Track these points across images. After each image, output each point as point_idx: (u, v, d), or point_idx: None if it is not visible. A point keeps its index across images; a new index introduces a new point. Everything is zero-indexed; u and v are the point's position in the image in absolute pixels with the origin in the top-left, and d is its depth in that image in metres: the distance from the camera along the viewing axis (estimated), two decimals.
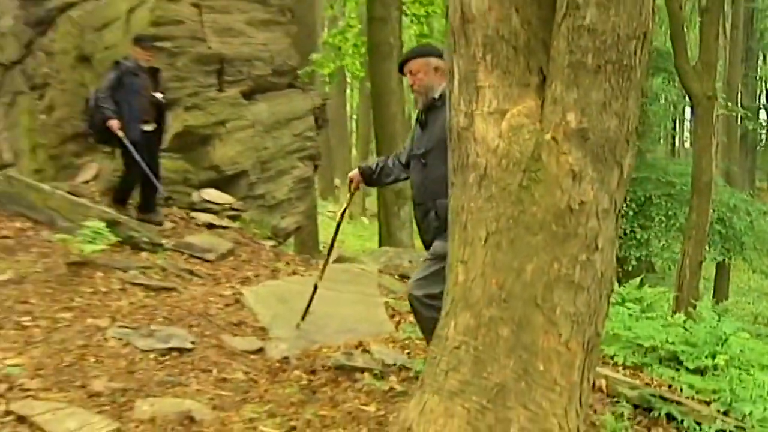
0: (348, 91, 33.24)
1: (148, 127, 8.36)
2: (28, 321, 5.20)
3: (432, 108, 4.78)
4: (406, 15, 16.48)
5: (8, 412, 3.91)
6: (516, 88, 3.46)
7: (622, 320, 6.37)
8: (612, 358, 5.93)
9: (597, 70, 3.22)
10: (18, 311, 5.33)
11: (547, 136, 3.32)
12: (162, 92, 8.39)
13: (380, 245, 13.73)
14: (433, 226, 4.72)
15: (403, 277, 8.40)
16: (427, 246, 4.89)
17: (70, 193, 8.00)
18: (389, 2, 13.39)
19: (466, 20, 3.55)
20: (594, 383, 3.90)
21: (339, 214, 5.87)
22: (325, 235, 22.64)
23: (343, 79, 28.75)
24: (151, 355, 4.87)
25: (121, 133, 7.83)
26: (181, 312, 5.62)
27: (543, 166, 3.32)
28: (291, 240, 14.97)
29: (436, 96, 4.76)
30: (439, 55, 4.82)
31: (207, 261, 7.08)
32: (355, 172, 5.26)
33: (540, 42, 3.45)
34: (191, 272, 6.55)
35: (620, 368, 5.79)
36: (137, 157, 7.88)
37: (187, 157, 10.03)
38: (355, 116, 36.35)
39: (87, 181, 9.61)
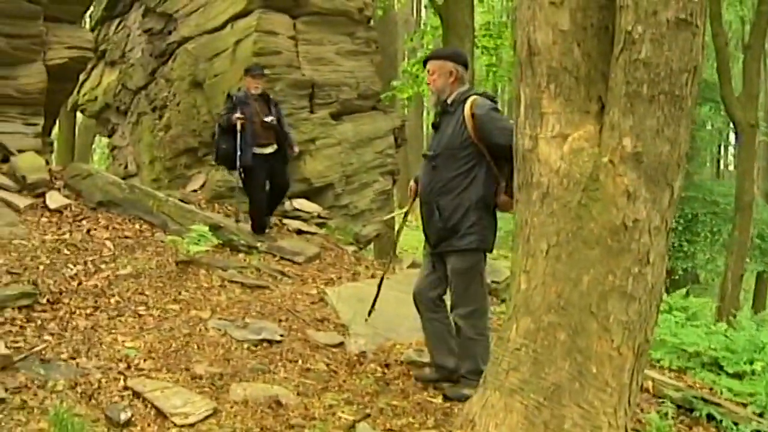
0: (424, 113, 33.15)
1: (268, 150, 8.01)
2: (143, 310, 5.27)
3: (445, 112, 4.52)
4: (477, 47, 16.36)
5: (126, 387, 4.02)
6: (577, 115, 3.39)
7: (669, 327, 6.19)
8: (658, 361, 5.76)
9: (651, 99, 3.13)
10: (135, 301, 5.42)
11: (605, 159, 3.23)
12: (273, 115, 8.09)
13: None
14: (438, 226, 4.48)
15: None
16: (431, 243, 4.65)
17: (181, 200, 8.11)
18: (463, 35, 13.28)
19: (533, 53, 3.48)
20: (641, 385, 3.76)
21: (401, 217, 5.58)
22: (404, 243, 22.75)
23: (420, 103, 28.66)
24: (245, 345, 4.88)
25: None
26: (272, 308, 5.63)
27: (601, 186, 3.23)
28: (371, 246, 14.94)
29: (449, 101, 4.49)
30: (457, 61, 4.55)
31: (296, 263, 7.08)
32: (413, 183, 4.95)
33: (599, 73, 3.37)
34: (282, 273, 6.56)
35: (666, 371, 5.61)
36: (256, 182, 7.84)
37: None
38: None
39: (195, 190, 9.74)
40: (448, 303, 4.72)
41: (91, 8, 16.80)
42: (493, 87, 27.15)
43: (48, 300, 5.16)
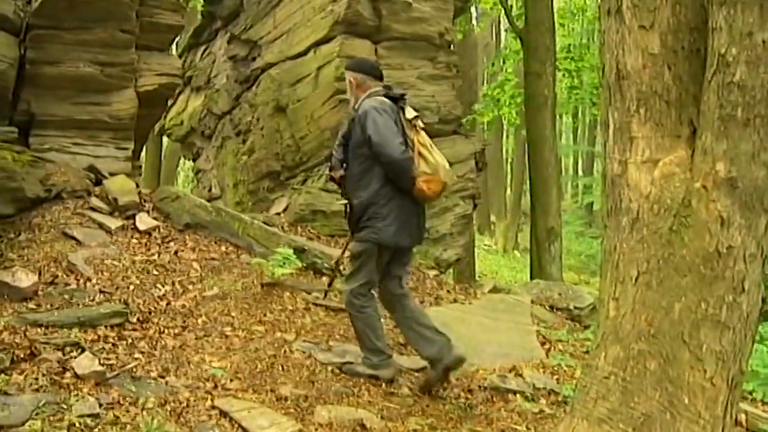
0: (504, 137, 33.03)
1: None
2: (230, 331, 5.39)
3: (353, 118, 4.94)
4: (559, 69, 16.28)
5: (213, 407, 4.11)
6: (668, 139, 3.35)
7: (762, 358, 6.01)
8: (751, 393, 5.59)
9: (746, 123, 3.07)
10: (222, 322, 5.54)
11: (697, 185, 3.18)
12: None
13: (531, 277, 13.50)
14: (351, 219, 4.96)
15: (553, 307, 8.21)
16: (351, 230, 5.05)
17: (264, 222, 8.26)
18: (544, 59, 13.26)
19: (621, 77, 3.46)
20: (735, 418, 3.67)
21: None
22: (481, 266, 22.65)
23: (500, 126, 28.61)
24: (329, 368, 4.95)
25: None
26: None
27: (693, 212, 3.18)
28: (450, 270, 14.89)
29: (356, 106, 4.98)
30: (355, 70, 5.15)
31: None
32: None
33: (690, 96, 3.33)
34: None
35: (759, 404, 5.45)
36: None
37: None
38: (510, 159, 36.04)
39: (278, 213, 9.90)
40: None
41: (179, 36, 17.45)
42: (574, 110, 26.93)
43: (138, 319, 5.33)
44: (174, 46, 17.58)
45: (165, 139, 18.50)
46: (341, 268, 5.89)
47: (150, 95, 9.09)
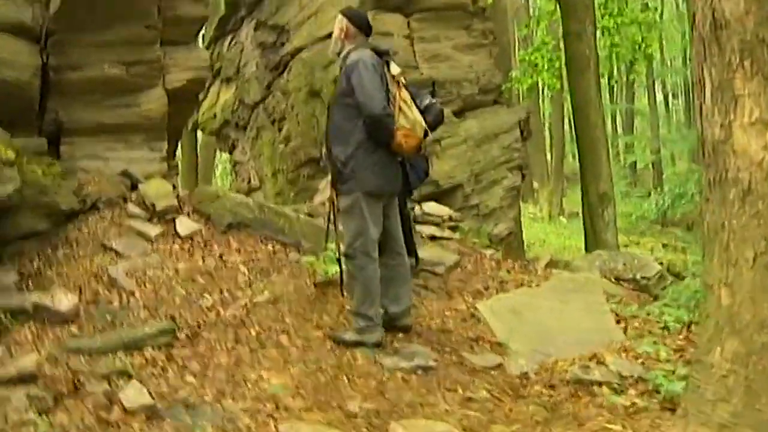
0: (540, 101, 32.27)
1: None
2: (286, 340, 4.98)
3: (341, 67, 5.02)
4: (597, 27, 15.60)
5: None
6: None
7: None
8: None
9: None
10: (276, 330, 5.13)
11: None
12: None
13: (586, 246, 12.93)
14: (330, 170, 5.07)
15: (619, 279, 7.71)
16: (332, 186, 5.12)
17: (308, 214, 7.85)
18: (583, 18, 12.58)
19: (719, 26, 2.94)
20: None
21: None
22: (528, 235, 22.04)
23: (536, 90, 27.84)
24: (398, 374, 4.50)
25: None
26: (420, 328, 5.24)
27: None
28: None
29: (340, 54, 5.09)
30: (351, 19, 5.10)
31: (437, 274, 6.67)
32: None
33: None
34: (424, 287, 6.16)
35: None
36: None
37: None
38: (548, 123, 35.26)
39: (323, 203, 9.46)
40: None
41: (204, 28, 17.07)
42: (611, 69, 26.10)
43: (187, 335, 4.94)
44: (200, 39, 17.26)
45: (199, 132, 18.18)
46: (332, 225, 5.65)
47: (179, 91, 8.67)
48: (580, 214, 26.02)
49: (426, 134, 4.99)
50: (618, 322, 5.93)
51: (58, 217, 6.76)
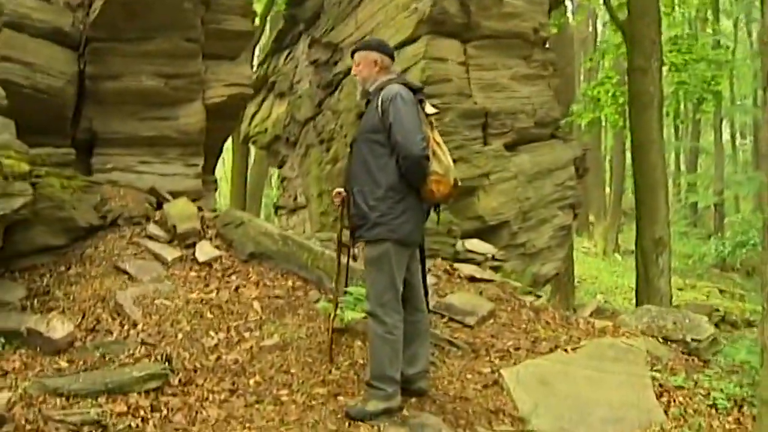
0: (603, 133, 31.38)
1: None
2: (286, 395, 4.46)
3: (368, 101, 4.55)
4: (665, 63, 14.88)
5: None
6: None
7: None
8: None
9: None
10: (278, 382, 4.61)
11: None
12: None
13: (637, 292, 12.22)
14: (353, 213, 4.49)
15: (667, 339, 7.04)
16: (351, 233, 4.59)
17: (343, 244, 7.36)
18: (649, 53, 11.93)
19: None
20: None
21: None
22: (579, 270, 21.24)
23: (598, 123, 27.09)
24: None
25: None
26: (435, 393, 4.66)
27: None
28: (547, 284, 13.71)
29: (371, 89, 4.53)
30: (382, 51, 4.59)
31: (467, 326, 6.08)
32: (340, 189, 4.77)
33: None
34: (450, 341, 5.55)
35: None
36: None
37: (452, 208, 9.18)
38: (609, 157, 34.31)
39: None
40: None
41: (262, 40, 16.84)
42: (677, 106, 25.20)
43: (180, 380, 4.46)
44: (256, 52, 17.02)
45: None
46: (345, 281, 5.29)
47: (219, 107, 8.33)
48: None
49: (456, 183, 4.44)
50: (660, 395, 5.29)
51: (75, 232, 6.43)
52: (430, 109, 4.47)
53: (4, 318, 5.22)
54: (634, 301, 18.95)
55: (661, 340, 6.93)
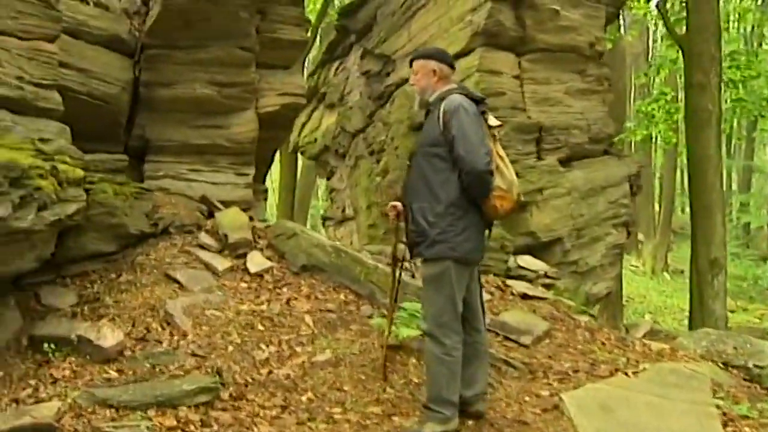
0: (653, 150, 30.83)
1: None
2: (339, 413, 4.32)
3: (428, 111, 4.36)
4: (723, 80, 14.50)
5: None
6: None
7: None
8: None
9: None
10: (330, 400, 4.48)
11: None
12: None
13: (691, 314, 11.85)
14: (411, 229, 4.27)
15: (728, 365, 6.76)
16: (409, 250, 4.41)
17: (394, 257, 7.22)
18: (708, 69, 11.58)
19: None
20: None
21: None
22: (628, 289, 20.78)
23: (649, 140, 26.63)
24: None
25: None
26: (492, 415, 4.47)
27: None
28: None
29: (431, 99, 4.33)
30: (441, 60, 4.39)
31: (522, 345, 5.88)
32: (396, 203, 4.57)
33: None
34: (506, 361, 5.36)
35: None
36: None
37: (505, 223, 8.96)
38: (659, 174, 33.70)
39: None
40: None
41: (313, 51, 16.82)
42: (731, 123, 24.64)
43: (231, 394, 4.35)
44: (307, 62, 17.00)
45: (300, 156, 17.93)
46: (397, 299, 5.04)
47: (272, 117, 8.25)
48: (686, 272, 24.56)
49: (519, 198, 4.28)
50: (725, 425, 5.04)
51: (126, 239, 6.38)
52: (493, 121, 4.28)
53: (54, 324, 5.19)
54: (685, 322, 18.51)
55: (721, 365, 6.68)
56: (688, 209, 39.21)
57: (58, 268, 5.93)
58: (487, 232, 4.33)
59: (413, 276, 4.91)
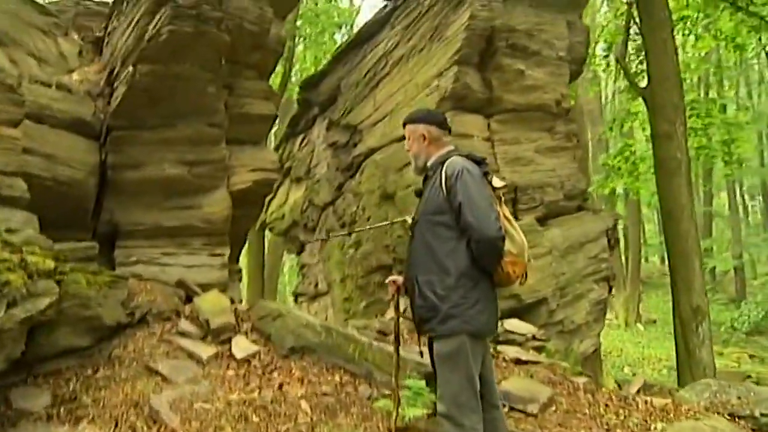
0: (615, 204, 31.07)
1: None
2: None
3: (426, 178, 4.10)
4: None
5: None
6: None
7: None
8: None
9: None
10: None
11: None
12: None
13: (678, 365, 11.62)
14: (418, 304, 3.90)
15: (734, 416, 6.52)
16: (415, 324, 4.03)
17: (380, 331, 6.93)
18: (673, 118, 11.59)
19: None
20: None
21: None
22: (605, 343, 20.51)
23: (612, 193, 26.88)
24: None
25: None
26: None
27: None
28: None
29: (428, 164, 4.10)
30: (429, 122, 4.15)
31: (529, 414, 5.58)
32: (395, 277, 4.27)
33: None
34: None
35: None
36: None
37: None
38: (623, 225, 33.97)
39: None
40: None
41: (275, 126, 16.67)
42: (704, 171, 24.97)
43: None
44: (272, 137, 16.83)
45: (268, 233, 17.60)
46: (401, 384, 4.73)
47: (244, 194, 7.99)
48: (658, 322, 24.42)
49: (530, 261, 4.03)
50: None
51: (101, 332, 5.99)
52: (497, 182, 4.00)
53: (29, 430, 4.76)
54: (664, 372, 18.31)
55: (727, 417, 6.46)
56: (653, 258, 39.32)
57: (29, 368, 5.50)
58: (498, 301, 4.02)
59: (422, 355, 4.58)
